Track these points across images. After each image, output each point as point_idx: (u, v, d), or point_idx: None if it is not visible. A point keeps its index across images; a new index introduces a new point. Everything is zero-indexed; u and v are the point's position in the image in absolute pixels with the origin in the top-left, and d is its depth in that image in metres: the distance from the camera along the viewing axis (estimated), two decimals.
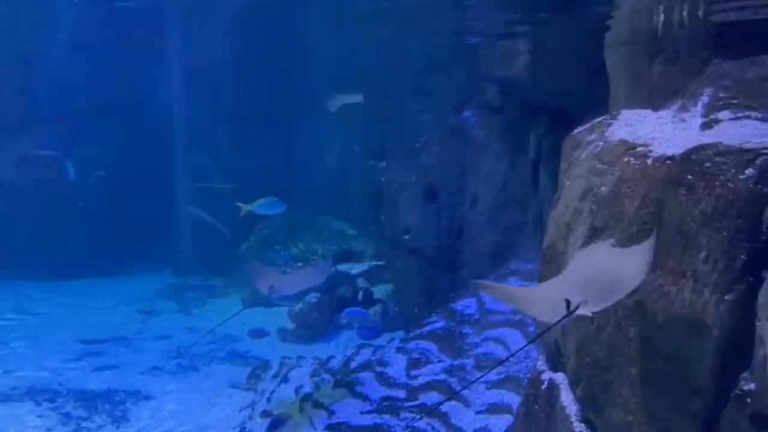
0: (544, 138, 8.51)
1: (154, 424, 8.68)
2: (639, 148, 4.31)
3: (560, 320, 3.60)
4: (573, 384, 4.50)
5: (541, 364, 5.23)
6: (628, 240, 4.04)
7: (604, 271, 3.74)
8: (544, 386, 5.02)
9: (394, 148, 12.82)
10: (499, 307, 8.00)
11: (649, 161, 4.13)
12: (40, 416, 8.70)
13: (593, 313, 3.55)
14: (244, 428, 8.04)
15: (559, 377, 4.87)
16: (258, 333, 11.52)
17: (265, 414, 8.14)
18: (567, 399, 4.63)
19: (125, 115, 17.53)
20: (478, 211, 9.47)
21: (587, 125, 5.14)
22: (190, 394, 9.55)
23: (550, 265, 4.95)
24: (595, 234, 4.30)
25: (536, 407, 5.13)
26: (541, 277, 5.20)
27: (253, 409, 8.45)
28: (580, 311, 3.52)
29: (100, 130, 17.88)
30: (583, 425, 4.41)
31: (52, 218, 17.35)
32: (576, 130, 5.21)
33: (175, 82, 16.93)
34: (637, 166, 4.20)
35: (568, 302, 3.52)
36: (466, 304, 8.38)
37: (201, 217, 16.19)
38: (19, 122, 17.43)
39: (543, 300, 3.81)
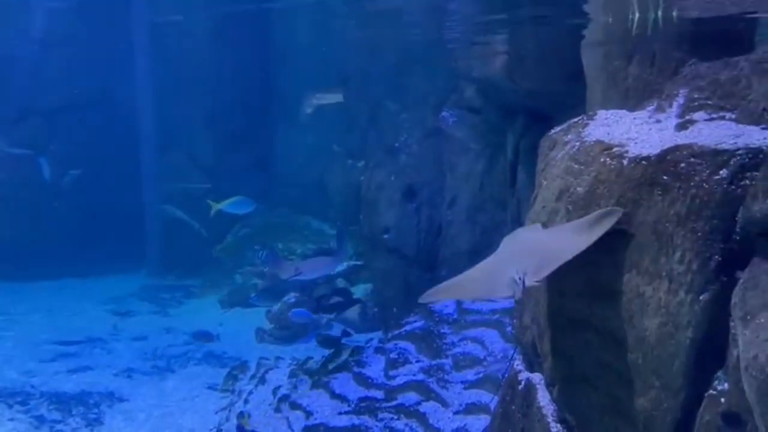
0: (521, 138, 8.53)
1: (129, 428, 8.57)
2: (615, 149, 4.32)
3: (518, 295, 3.84)
4: (549, 385, 4.50)
5: (518, 364, 5.23)
6: (603, 241, 4.05)
7: (534, 247, 4.09)
8: (521, 386, 5.01)
9: (372, 148, 12.79)
10: (476, 307, 8.01)
11: (625, 162, 4.13)
12: (11, 419, 8.56)
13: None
14: (221, 430, 7.98)
15: (536, 377, 4.86)
16: (203, 336, 11.46)
17: (241, 415, 8.07)
18: (544, 399, 4.63)
19: (100, 113, 17.34)
20: (457, 210, 9.48)
21: (564, 125, 5.15)
22: (166, 396, 9.46)
23: None
24: None
25: (513, 407, 5.13)
26: None
27: (230, 410, 8.38)
28: (528, 283, 3.77)
29: (74, 128, 17.67)
30: (559, 426, 4.41)
31: (26, 217, 17.08)
32: (553, 131, 5.21)
33: (150, 80, 16.76)
34: (612, 167, 4.20)
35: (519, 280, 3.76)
36: (444, 304, 8.37)
37: (177, 217, 16.05)
38: None
39: (484, 280, 4.05)
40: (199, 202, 13.98)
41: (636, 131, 4.47)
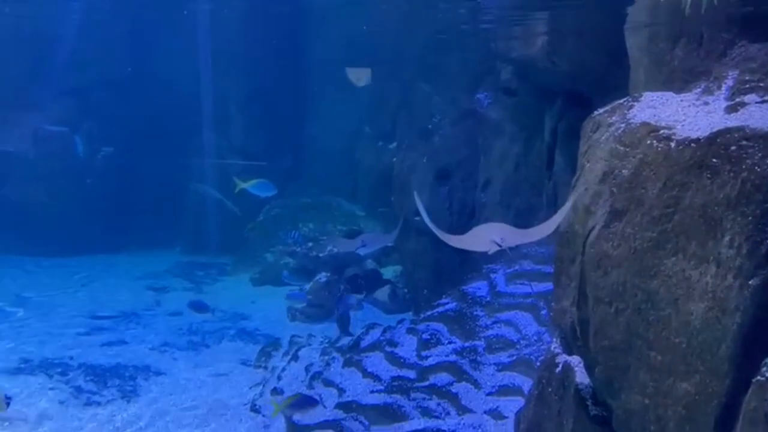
0: (559, 120, 8.43)
1: (164, 400, 8.72)
2: (662, 131, 4.25)
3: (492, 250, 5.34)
4: (589, 367, 4.49)
5: (556, 347, 5.21)
6: (649, 224, 4.01)
7: (506, 228, 5.73)
8: (558, 369, 5.00)
9: (404, 130, 12.77)
10: (510, 290, 7.99)
11: (673, 144, 4.07)
12: (52, 389, 8.77)
13: None
14: (255, 405, 8.09)
15: (575, 360, 4.85)
16: (198, 307, 11.58)
17: (275, 391, 8.19)
18: (582, 382, 4.62)
19: (135, 92, 17.53)
20: (491, 192, 9.43)
21: (608, 107, 5.07)
22: (201, 370, 9.62)
23: (568, 248, 4.92)
24: (615, 216, 4.26)
25: (550, 390, 5.13)
26: (558, 260, 5.18)
27: (263, 386, 8.49)
28: (504, 245, 5.29)
29: (109, 106, 17.91)
30: (598, 408, 4.40)
31: (61, 193, 17.39)
32: (596, 112, 5.14)
33: (186, 60, 16.86)
34: (660, 149, 4.14)
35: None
36: (477, 287, 8.37)
37: (211, 196, 16.21)
38: (31, 98, 17.43)
39: (471, 240, 5.79)
40: (231, 182, 14.07)
41: (683, 113, 4.40)
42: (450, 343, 7.80)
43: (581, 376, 4.69)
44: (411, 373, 7.64)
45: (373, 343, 8.62)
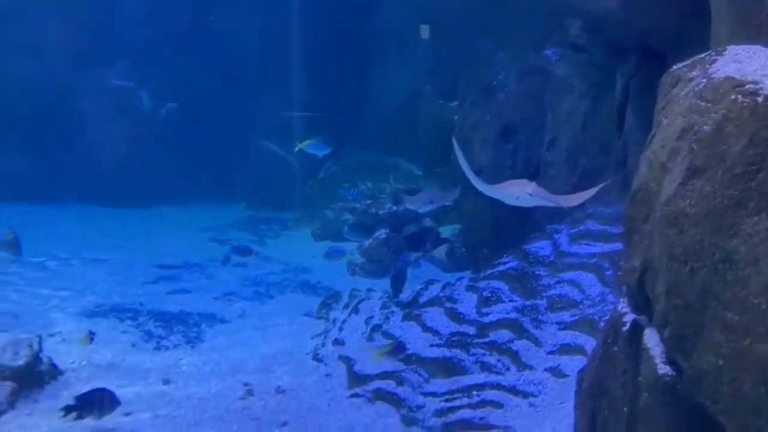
0: (632, 77, 8.17)
1: (228, 346, 9.01)
2: (748, 86, 4.07)
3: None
4: (660, 326, 4.42)
5: (623, 306, 5.14)
6: (730, 181, 3.88)
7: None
8: (625, 328, 4.94)
9: (467, 87, 12.59)
10: (574, 250, 7.91)
11: (760, 99, 3.90)
12: (124, 332, 9.17)
13: None
14: (317, 354, 8.29)
15: (643, 320, 4.78)
16: (242, 250, 11.73)
17: (337, 342, 8.37)
18: (651, 341, 4.55)
19: (199, 47, 17.76)
20: (557, 151, 9.26)
21: (688, 61, 4.88)
22: (264, 319, 9.89)
23: (641, 206, 4.80)
24: (694, 174, 4.13)
25: (615, 349, 5.07)
26: (629, 219, 5.07)
27: (325, 336, 8.69)
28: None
29: (173, 61, 18.21)
30: (668, 368, 4.34)
31: (126, 148, 17.90)
32: (675, 67, 4.95)
33: (250, 16, 16.96)
34: (745, 104, 3.97)
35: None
36: (540, 246, 8.30)
37: (273, 152, 16.42)
38: (97, 54, 17.87)
39: (502, 190, 6.72)
40: (293, 139, 14.20)
41: None
42: (511, 301, 7.79)
43: (650, 336, 4.62)
44: (470, 329, 7.69)
45: (433, 298, 8.68)
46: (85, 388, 7.37)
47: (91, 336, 7.86)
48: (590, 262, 7.58)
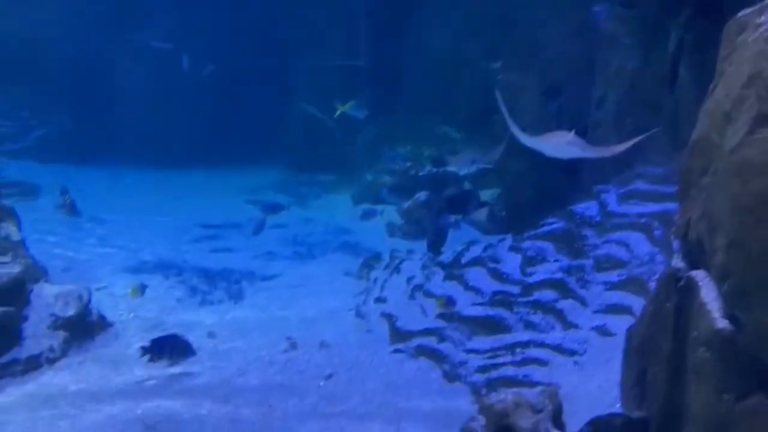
0: (685, 32, 7.89)
1: (269, 303, 9.11)
2: None
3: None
4: (719, 279, 4.31)
5: (677, 262, 5.03)
6: None
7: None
8: (680, 284, 4.84)
9: (511, 47, 12.34)
10: (622, 210, 7.76)
11: None
12: (171, 287, 9.33)
13: None
14: (360, 311, 8.34)
15: (699, 275, 4.67)
16: (273, 207, 11.79)
17: (379, 300, 8.40)
18: (708, 296, 4.44)
19: (240, 8, 17.70)
20: (605, 110, 9.04)
21: (755, 6, 4.68)
22: (305, 278, 9.96)
23: (700, 158, 4.66)
24: (762, 122, 3.98)
25: (668, 305, 4.99)
26: (686, 172, 4.94)
27: (367, 295, 8.73)
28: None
29: (213, 23, 18.20)
30: (726, 321, 4.25)
31: (167, 109, 18.04)
32: (741, 13, 4.75)
33: None
34: None
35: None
36: (586, 207, 8.16)
37: (312, 114, 16.37)
38: (138, 16, 17.94)
39: (546, 141, 6.72)
40: (332, 102, 14.13)
41: None
42: (556, 261, 7.71)
43: (707, 290, 4.52)
44: (514, 289, 7.64)
45: (475, 258, 8.63)
46: (134, 340, 7.57)
47: (143, 288, 8.02)
48: (639, 222, 7.42)
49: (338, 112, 12.49)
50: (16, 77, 17.10)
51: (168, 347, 6.19)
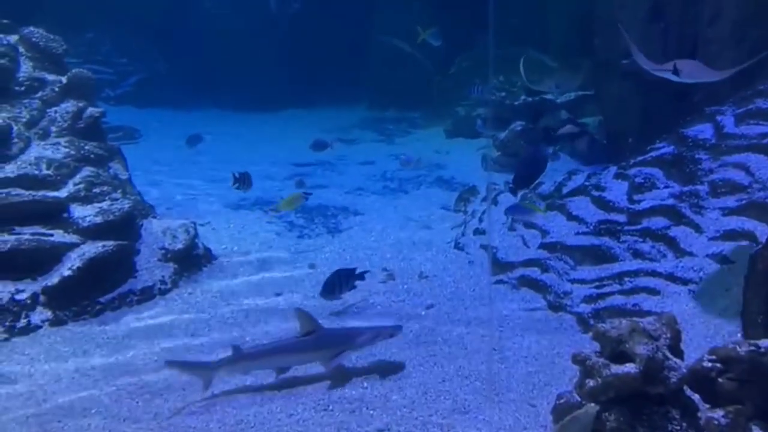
0: None
1: (365, 236, 9.13)
2: None
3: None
4: None
5: None
6: None
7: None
8: None
9: None
10: (740, 131, 7.20)
11: None
12: (269, 222, 9.50)
13: None
14: (458, 243, 8.23)
15: None
16: (317, 145, 11.26)
17: (477, 232, 8.25)
18: None
19: None
20: (720, 26, 8.34)
21: None
22: (400, 212, 9.92)
23: None
24: None
25: None
26: None
27: (464, 227, 8.59)
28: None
29: None
30: None
31: (257, 51, 18.16)
32: None
33: None
34: None
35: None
36: (699, 129, 7.63)
37: (400, 48, 16.07)
38: None
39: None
40: (415, 33, 13.73)
41: None
42: (666, 187, 7.29)
43: None
44: (621, 217, 7.30)
45: (577, 187, 8.30)
46: (239, 272, 7.78)
47: (306, 195, 8.23)
48: (761, 143, 6.88)
49: (419, 39, 12.16)
50: (113, 24, 17.58)
51: (342, 281, 6.40)
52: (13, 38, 8.42)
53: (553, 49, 15.22)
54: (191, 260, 7.73)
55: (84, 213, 7.21)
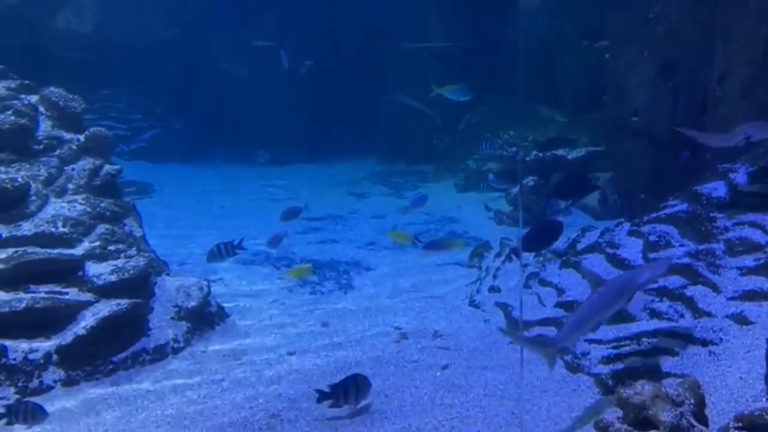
0: None
1: (378, 292, 9.09)
2: None
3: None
4: None
5: None
6: None
7: None
8: None
9: (618, 24, 11.78)
10: (756, 189, 7.19)
11: None
12: (280, 278, 9.48)
13: None
14: (473, 301, 8.17)
15: None
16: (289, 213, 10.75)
17: (492, 289, 8.19)
18: None
19: (333, 5, 17.87)
20: (729, 85, 8.43)
21: None
22: (412, 267, 9.89)
23: None
24: None
25: None
26: None
27: (479, 284, 8.53)
28: None
29: (309, 20, 18.47)
30: None
31: (267, 105, 18.48)
32: None
33: None
34: None
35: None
36: (712, 187, 7.62)
37: (410, 105, 16.31)
38: (240, 15, 18.43)
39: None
40: (429, 91, 14.01)
41: None
42: (682, 245, 7.23)
43: None
44: None
45: (591, 245, 8.25)
46: (252, 331, 7.73)
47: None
48: None
49: (433, 93, 12.34)
50: (129, 82, 17.96)
51: (351, 390, 5.86)
52: (34, 98, 8.60)
53: (563, 105, 15.45)
54: (204, 318, 7.70)
55: (99, 271, 7.22)
